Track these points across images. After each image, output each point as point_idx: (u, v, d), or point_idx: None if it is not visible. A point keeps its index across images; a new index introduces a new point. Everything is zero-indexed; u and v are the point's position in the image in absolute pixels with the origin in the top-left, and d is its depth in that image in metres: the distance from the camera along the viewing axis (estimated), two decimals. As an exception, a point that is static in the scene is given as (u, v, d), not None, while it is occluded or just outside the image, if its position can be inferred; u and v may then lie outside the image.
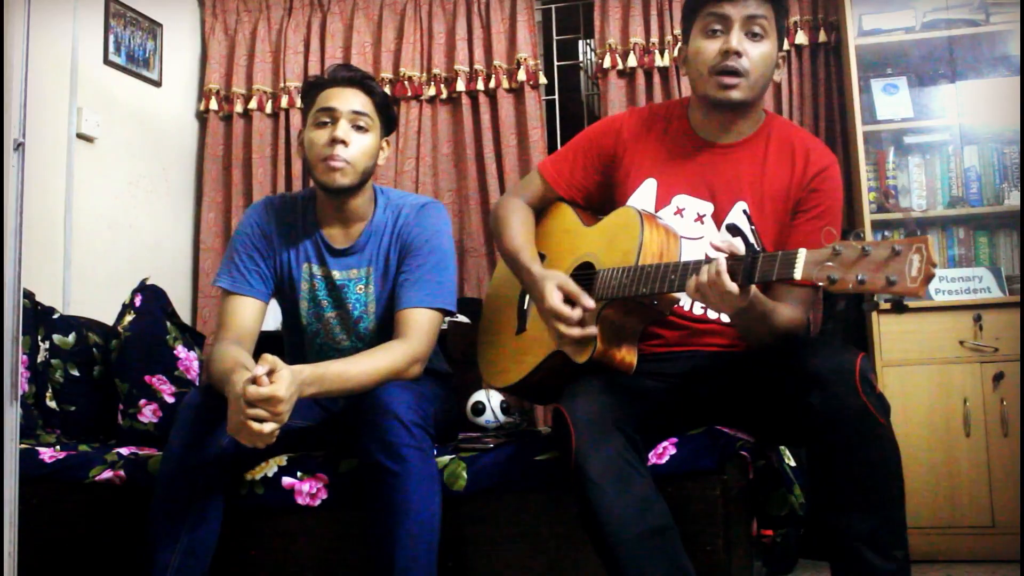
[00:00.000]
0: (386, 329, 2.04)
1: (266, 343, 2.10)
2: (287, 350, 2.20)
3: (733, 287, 1.53)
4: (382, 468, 1.76)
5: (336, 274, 2.07)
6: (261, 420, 1.65)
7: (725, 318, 1.84)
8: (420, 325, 1.96)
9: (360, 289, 2.07)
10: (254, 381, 1.65)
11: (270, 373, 1.67)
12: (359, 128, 2.00)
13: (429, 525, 1.78)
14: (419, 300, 1.99)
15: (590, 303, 1.76)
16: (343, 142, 1.97)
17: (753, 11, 1.79)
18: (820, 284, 1.42)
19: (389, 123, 2.09)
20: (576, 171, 2.02)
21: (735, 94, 1.80)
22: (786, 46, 1.95)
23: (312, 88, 2.05)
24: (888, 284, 1.34)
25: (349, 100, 2.00)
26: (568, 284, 1.79)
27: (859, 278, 1.37)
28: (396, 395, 1.81)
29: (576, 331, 1.76)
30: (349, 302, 2.08)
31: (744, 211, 1.87)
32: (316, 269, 2.08)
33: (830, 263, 1.41)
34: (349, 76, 2.02)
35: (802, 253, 1.46)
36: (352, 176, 1.99)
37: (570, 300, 1.78)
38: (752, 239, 1.86)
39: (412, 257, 2.03)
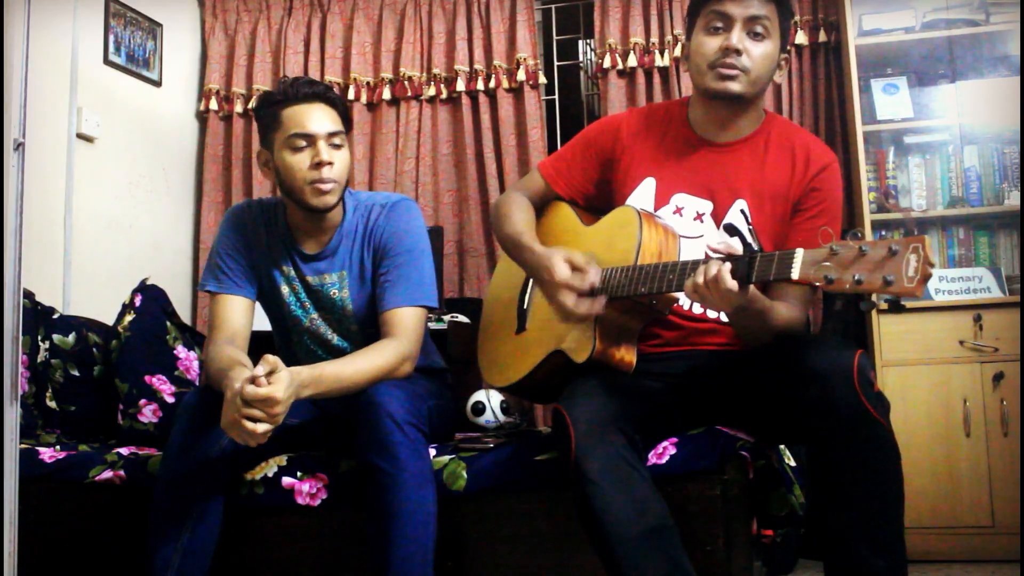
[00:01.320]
0: (369, 328, 2.04)
1: (262, 343, 2.11)
2: (278, 350, 2.20)
3: (733, 285, 1.53)
4: (376, 468, 1.77)
5: (310, 279, 2.08)
6: (255, 420, 1.65)
7: (724, 317, 1.83)
8: (406, 324, 1.97)
9: (335, 293, 2.08)
10: (253, 381, 1.66)
11: (269, 374, 1.67)
12: (335, 146, 1.98)
13: (424, 524, 1.78)
14: (401, 300, 1.99)
15: (597, 275, 1.74)
16: (329, 164, 1.95)
17: (756, 11, 1.79)
18: (817, 284, 1.42)
19: (349, 125, 2.07)
20: (575, 170, 2.02)
21: (733, 86, 1.80)
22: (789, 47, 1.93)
23: (272, 106, 1.99)
24: (885, 284, 1.34)
25: (322, 122, 1.96)
26: (574, 256, 1.76)
27: (856, 278, 1.37)
28: (388, 394, 1.81)
29: (584, 306, 1.72)
30: (327, 305, 2.08)
31: (742, 211, 1.87)
32: (292, 273, 2.09)
33: (827, 263, 1.41)
34: (313, 92, 1.98)
35: (799, 253, 1.46)
36: (338, 193, 1.99)
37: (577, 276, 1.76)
38: (750, 238, 1.86)
39: (388, 258, 2.03)
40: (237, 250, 2.07)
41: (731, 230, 1.86)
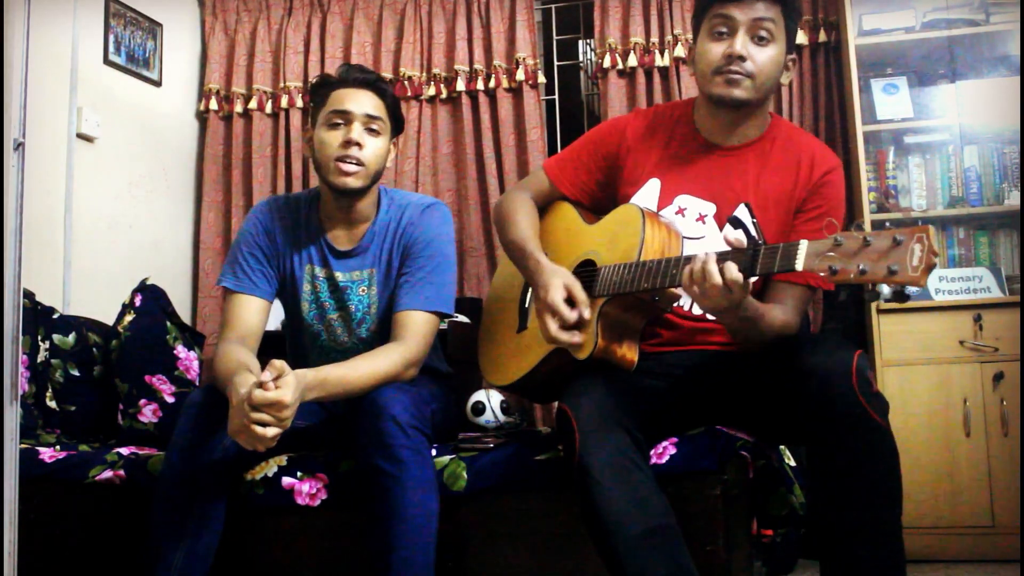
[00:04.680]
0: (387, 330, 2.04)
1: (267, 343, 2.11)
2: (289, 350, 2.21)
3: (718, 280, 1.53)
4: (379, 470, 1.77)
5: (339, 276, 2.07)
6: (264, 424, 1.65)
7: (711, 316, 1.83)
8: (417, 328, 1.97)
9: (363, 291, 2.07)
10: (260, 386, 1.66)
11: (276, 378, 1.67)
12: (372, 131, 2.00)
13: (425, 527, 1.78)
14: (417, 303, 1.99)
15: (587, 312, 1.76)
16: (357, 144, 1.96)
17: (760, 14, 1.78)
18: (821, 274, 1.42)
19: (398, 125, 2.09)
20: (580, 170, 2.02)
21: (738, 92, 1.80)
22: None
23: (323, 87, 2.04)
24: (889, 273, 1.34)
25: (363, 103, 1.99)
26: (574, 286, 1.78)
27: (860, 268, 1.37)
28: (392, 397, 1.81)
29: (565, 335, 1.75)
30: (351, 303, 2.08)
31: (747, 211, 1.87)
32: (319, 271, 2.08)
33: (831, 253, 1.41)
34: (363, 78, 2.02)
35: (803, 244, 1.46)
36: (364, 179, 1.99)
37: (571, 302, 1.78)
38: (754, 232, 1.85)
39: (413, 259, 2.03)
40: (260, 247, 2.07)
41: (736, 223, 1.86)
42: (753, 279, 1.57)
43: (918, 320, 3.09)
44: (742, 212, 1.86)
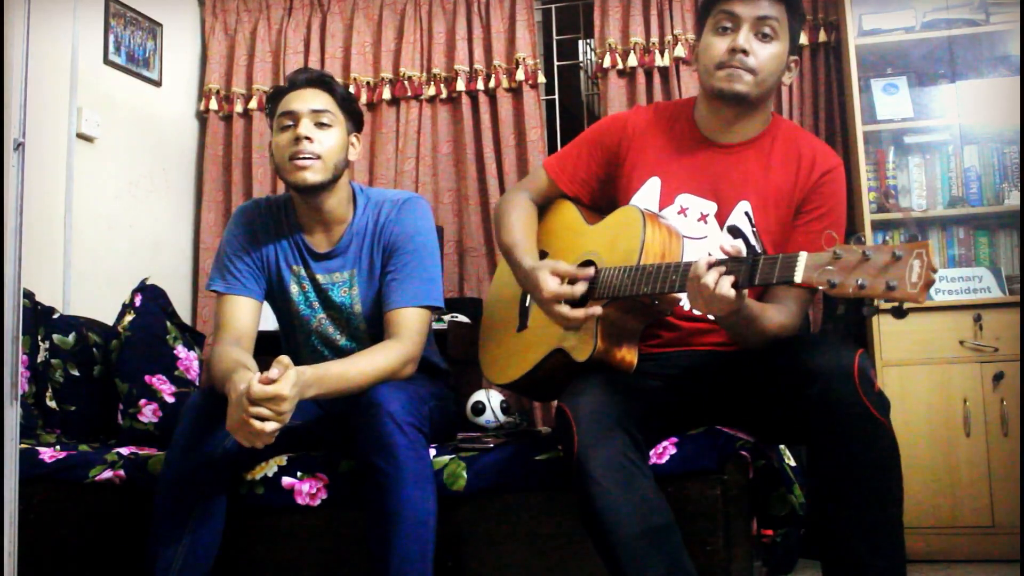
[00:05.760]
0: (377, 327, 2.04)
1: (264, 343, 2.11)
2: (284, 351, 2.20)
3: (711, 292, 1.53)
4: (376, 468, 1.77)
5: (320, 278, 2.08)
6: (263, 419, 1.65)
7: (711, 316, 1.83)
8: (410, 325, 1.97)
9: (344, 292, 2.08)
10: (265, 381, 1.66)
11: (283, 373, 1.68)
12: (321, 125, 2.00)
13: (423, 525, 1.78)
14: (407, 300, 1.99)
15: (584, 284, 1.76)
16: (307, 138, 1.97)
17: (765, 12, 1.79)
18: (820, 288, 1.42)
19: (355, 119, 2.10)
20: (580, 168, 2.02)
21: (740, 86, 1.80)
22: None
23: (274, 98, 2.07)
24: (888, 289, 1.34)
25: (307, 100, 2.01)
26: (560, 266, 1.79)
27: (859, 283, 1.36)
28: (390, 394, 1.81)
29: (580, 313, 1.74)
30: (336, 303, 2.08)
31: (746, 212, 1.87)
32: (303, 272, 2.09)
33: (830, 267, 1.41)
34: (306, 77, 2.04)
35: (802, 257, 1.46)
36: (322, 172, 1.99)
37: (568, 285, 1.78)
38: (753, 241, 1.86)
39: (396, 256, 2.03)
40: (245, 250, 2.07)
41: (735, 232, 1.86)
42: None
43: (918, 320, 3.08)
44: (741, 219, 1.86)
